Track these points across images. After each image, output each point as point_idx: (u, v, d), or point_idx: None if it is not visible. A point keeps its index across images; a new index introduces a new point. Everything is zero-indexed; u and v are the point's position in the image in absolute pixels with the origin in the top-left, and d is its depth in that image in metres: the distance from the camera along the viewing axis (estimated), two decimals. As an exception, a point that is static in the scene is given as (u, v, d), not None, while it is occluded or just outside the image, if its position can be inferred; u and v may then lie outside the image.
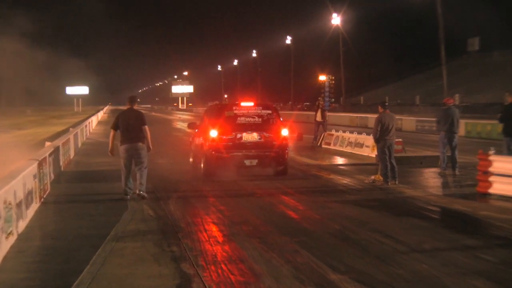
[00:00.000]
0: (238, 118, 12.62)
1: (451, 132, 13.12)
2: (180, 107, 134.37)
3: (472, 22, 66.71)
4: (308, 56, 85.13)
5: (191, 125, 15.50)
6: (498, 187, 10.10)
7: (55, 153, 12.63)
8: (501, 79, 54.48)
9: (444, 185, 12.11)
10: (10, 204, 6.82)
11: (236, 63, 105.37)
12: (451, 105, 13.54)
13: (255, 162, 12.53)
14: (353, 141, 18.78)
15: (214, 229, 7.91)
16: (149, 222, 8.33)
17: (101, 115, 67.13)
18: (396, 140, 13.16)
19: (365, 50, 78.72)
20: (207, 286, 5.49)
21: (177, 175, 13.28)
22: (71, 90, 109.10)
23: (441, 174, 13.20)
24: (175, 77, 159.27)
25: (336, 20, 55.61)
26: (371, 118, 30.66)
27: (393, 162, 11.78)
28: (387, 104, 12.15)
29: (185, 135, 26.35)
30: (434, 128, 22.35)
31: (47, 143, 14.07)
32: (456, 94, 47.45)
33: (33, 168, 8.93)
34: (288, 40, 74.09)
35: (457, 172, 13.10)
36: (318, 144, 21.23)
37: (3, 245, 6.42)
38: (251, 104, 12.98)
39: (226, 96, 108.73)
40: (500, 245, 7.14)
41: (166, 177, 12.90)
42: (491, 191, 10.18)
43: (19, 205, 7.44)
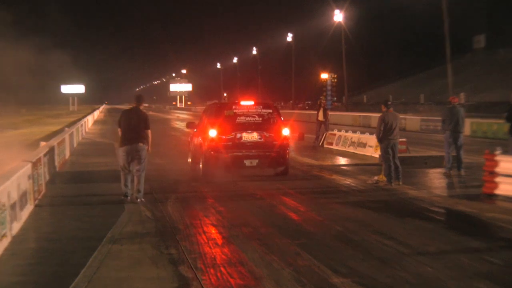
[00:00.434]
0: (238, 118, 12.62)
1: (456, 131, 13.12)
2: (179, 106, 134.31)
3: (478, 18, 66.78)
4: (309, 54, 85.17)
5: (189, 124, 15.51)
6: (505, 188, 10.09)
7: (50, 153, 12.63)
8: (507, 78, 54.48)
9: (449, 186, 12.11)
10: (3, 205, 6.83)
11: (235, 60, 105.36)
12: (456, 104, 13.54)
13: (255, 162, 12.53)
14: (355, 141, 18.78)
15: (213, 231, 7.91)
16: (146, 224, 8.33)
17: (97, 114, 67.16)
18: (400, 139, 13.16)
19: (368, 48, 78.81)
20: (206, 290, 5.50)
21: (175, 175, 13.28)
22: (66, 89, 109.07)
23: (446, 175, 13.19)
24: (173, 75, 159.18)
25: (339, 16, 55.60)
26: (374, 117, 30.64)
27: (397, 162, 11.79)
28: (390, 103, 12.14)
29: (184, 135, 26.35)
30: (439, 128, 22.36)
31: (42, 143, 14.07)
32: (461, 92, 47.42)
33: (27, 168, 8.94)
34: (289, 37, 73.95)
35: (462, 172, 13.10)
36: (320, 144, 21.22)
37: (-4, 247, 6.43)
38: (251, 103, 12.98)
39: (225, 94, 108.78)
40: (507, 247, 7.15)
41: (164, 177, 12.91)
42: (497, 192, 10.17)
43: (13, 206, 7.45)
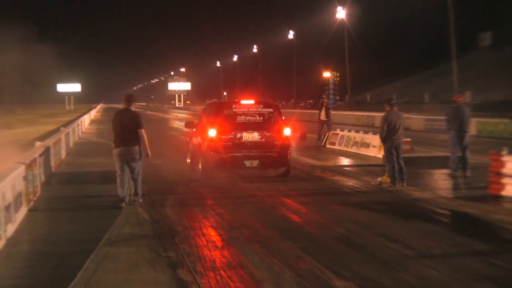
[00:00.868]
0: (238, 117, 12.61)
1: (461, 131, 13.12)
2: (177, 105, 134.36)
3: (484, 15, 66.76)
4: (311, 52, 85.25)
5: (188, 124, 15.51)
6: None
7: (45, 153, 12.63)
8: (514, 76, 54.46)
9: (455, 187, 12.10)
10: (-2, 207, 6.83)
11: (235, 59, 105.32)
12: (461, 103, 13.54)
13: (255, 163, 12.53)
14: (359, 141, 18.77)
15: (212, 233, 7.91)
16: (144, 226, 8.33)
17: (94, 113, 67.20)
18: (404, 139, 13.15)
19: (371, 45, 78.84)
20: (205, 293, 5.50)
21: (173, 176, 13.28)
22: (62, 87, 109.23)
23: (451, 176, 13.19)
24: (172, 73, 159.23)
25: (341, 13, 55.61)
26: (378, 116, 30.66)
27: (401, 163, 11.78)
28: (394, 102, 12.13)
29: (182, 135, 26.36)
30: (443, 127, 22.34)
31: (38, 143, 14.08)
32: (467, 91, 47.37)
33: (22, 169, 8.94)
34: (291, 35, 73.90)
35: (468, 173, 13.10)
36: (322, 144, 21.23)
37: (-9, 250, 6.43)
38: (251, 102, 12.98)
39: (225, 93, 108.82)
40: (513, 250, 7.14)
41: (162, 178, 12.91)
42: (504, 193, 10.16)
43: (7, 208, 7.45)
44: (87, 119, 44.60)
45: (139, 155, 9.78)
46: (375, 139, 17.30)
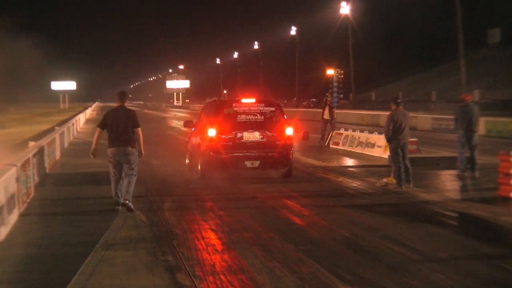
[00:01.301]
0: (239, 116, 12.61)
1: (470, 130, 13.11)
2: (176, 103, 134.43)
3: (493, 11, 66.69)
4: (314, 49, 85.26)
5: (187, 123, 15.51)
6: (521, 190, 10.09)
7: (39, 153, 12.64)
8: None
9: (463, 188, 12.11)
10: (-10, 209, 6.83)
11: (236, 56, 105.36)
12: (469, 101, 13.54)
13: (257, 163, 12.53)
14: (363, 140, 18.77)
15: (212, 236, 7.92)
16: (141, 228, 8.33)
17: (89, 112, 67.26)
18: (411, 139, 13.16)
19: (377, 42, 78.74)
20: (204, 298, 5.50)
21: (172, 177, 13.29)
22: (56, 86, 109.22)
23: (459, 177, 13.19)
24: (170, 71, 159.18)
25: (345, 9, 55.62)
26: (383, 115, 30.66)
27: (407, 163, 11.78)
28: (400, 101, 12.13)
29: (181, 134, 26.37)
30: (451, 127, 22.33)
31: (31, 143, 14.09)
32: (475, 89, 47.40)
33: (15, 170, 8.94)
34: (293, 31, 73.82)
35: (476, 174, 13.10)
36: (326, 144, 21.23)
37: (-17, 253, 6.43)
38: (252, 100, 12.98)
39: (225, 92, 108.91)
40: (523, 254, 7.13)
41: (160, 179, 12.91)
42: (513, 195, 10.17)
43: (0, 210, 7.45)
44: (82, 118, 44.64)
45: (135, 157, 9.49)
46: (380, 139, 17.30)
